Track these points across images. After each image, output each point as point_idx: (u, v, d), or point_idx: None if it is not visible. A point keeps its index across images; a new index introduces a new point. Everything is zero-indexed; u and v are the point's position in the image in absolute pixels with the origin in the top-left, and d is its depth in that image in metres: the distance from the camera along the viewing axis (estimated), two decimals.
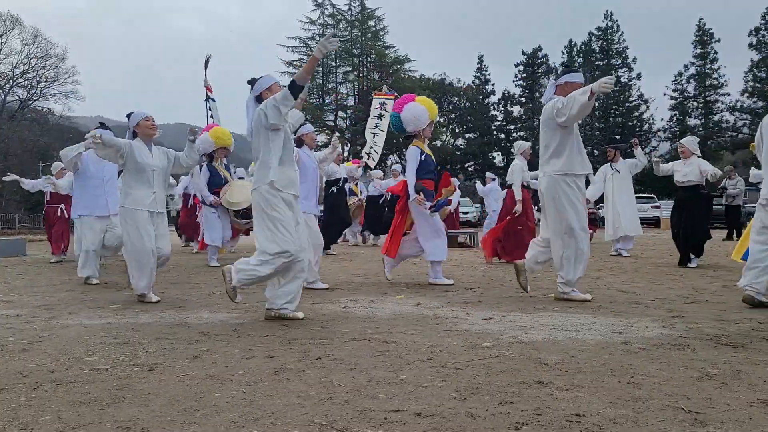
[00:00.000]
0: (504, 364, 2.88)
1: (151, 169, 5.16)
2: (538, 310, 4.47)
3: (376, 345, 3.32)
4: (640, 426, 2.02)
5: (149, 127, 5.23)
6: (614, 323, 3.91)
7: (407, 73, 42.54)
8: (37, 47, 37.23)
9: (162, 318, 4.27)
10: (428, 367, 2.84)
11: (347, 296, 5.36)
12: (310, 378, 2.66)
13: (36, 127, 35.64)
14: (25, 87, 37.97)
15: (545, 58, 46.00)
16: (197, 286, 6.12)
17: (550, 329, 3.74)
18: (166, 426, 2.07)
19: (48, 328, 3.91)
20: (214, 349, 3.24)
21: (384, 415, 2.15)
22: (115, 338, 3.55)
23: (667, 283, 6.12)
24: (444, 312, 4.45)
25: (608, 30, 44.13)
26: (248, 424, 2.08)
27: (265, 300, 4.28)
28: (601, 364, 2.84)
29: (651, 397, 2.34)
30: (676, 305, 4.65)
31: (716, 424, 2.04)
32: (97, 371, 2.80)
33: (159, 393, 2.45)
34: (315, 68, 4.50)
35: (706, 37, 41.33)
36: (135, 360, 3.02)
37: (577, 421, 2.07)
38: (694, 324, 3.86)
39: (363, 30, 42.57)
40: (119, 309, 4.70)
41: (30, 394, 2.46)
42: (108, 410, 2.24)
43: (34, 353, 3.18)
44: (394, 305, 4.81)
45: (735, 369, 2.74)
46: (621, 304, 4.72)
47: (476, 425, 2.05)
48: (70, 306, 4.87)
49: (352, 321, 4.10)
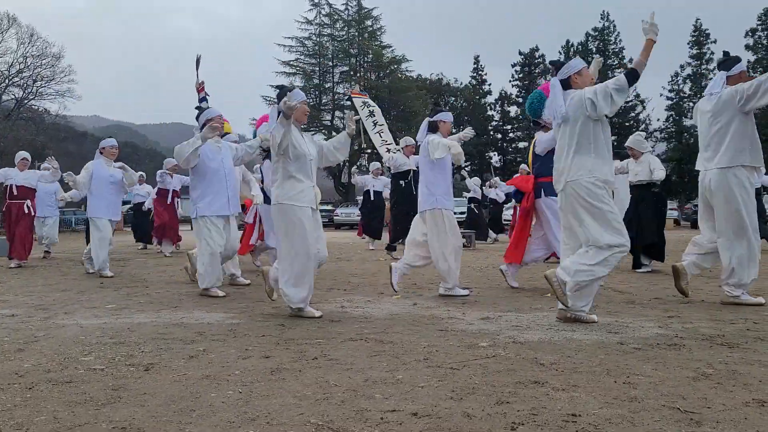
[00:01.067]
0: (500, 364, 2.88)
1: (309, 159, 4.40)
2: (534, 310, 4.48)
3: (373, 345, 3.32)
4: (635, 426, 2.03)
5: (305, 113, 4.46)
6: (610, 323, 3.92)
7: (404, 73, 42.51)
8: (33, 46, 37.14)
9: (158, 318, 4.26)
10: (424, 367, 2.84)
11: (344, 296, 5.36)
12: (306, 378, 2.66)
13: (32, 127, 35.49)
14: (21, 86, 37.83)
15: (542, 58, 46.09)
16: (193, 285, 6.11)
17: (546, 329, 3.74)
18: (162, 426, 2.07)
19: (44, 327, 3.90)
20: (210, 349, 3.23)
21: (380, 415, 2.15)
22: (111, 338, 3.55)
23: (663, 283, 6.14)
24: (440, 312, 4.45)
25: (605, 30, 44.25)
26: (244, 425, 2.07)
27: (260, 300, 4.27)
28: (597, 364, 2.85)
29: (647, 396, 2.34)
30: (672, 305, 4.66)
31: (712, 423, 2.04)
32: (92, 371, 2.80)
33: (155, 393, 2.45)
34: (311, 68, 4.49)
35: (702, 38, 41.47)
36: (131, 360, 3.01)
37: (573, 421, 2.08)
38: (690, 324, 3.87)
39: (360, 30, 42.51)
40: (115, 309, 4.69)
41: (25, 394, 2.45)
42: (104, 410, 2.23)
43: (29, 353, 3.17)
44: (391, 305, 4.81)
45: (731, 369, 2.75)
46: (617, 304, 4.72)
47: (472, 425, 2.05)
48: (66, 306, 4.85)
49: (348, 321, 4.10)
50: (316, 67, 42.55)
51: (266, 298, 4.70)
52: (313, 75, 42.53)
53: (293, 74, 42.42)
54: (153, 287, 6.05)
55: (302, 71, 42.47)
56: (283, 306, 4.42)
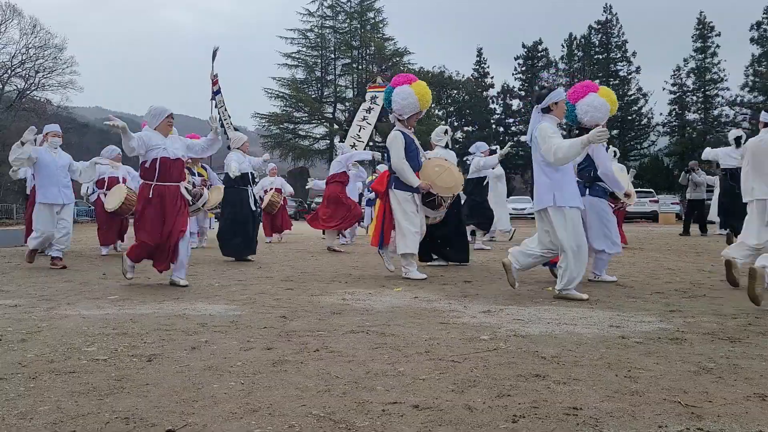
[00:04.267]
0: (501, 357, 2.89)
1: None
2: (535, 304, 4.48)
3: (374, 337, 3.33)
4: (636, 419, 2.03)
5: None
6: (612, 317, 3.93)
7: (406, 66, 42.41)
8: (36, 37, 37.07)
9: (160, 309, 4.28)
10: (426, 359, 2.84)
11: (345, 288, 5.37)
12: (308, 370, 2.66)
13: (34, 117, 35.48)
14: (23, 77, 37.81)
15: (545, 51, 45.96)
16: (195, 277, 6.12)
17: (547, 323, 3.75)
18: (165, 416, 2.08)
19: (47, 318, 3.91)
20: (213, 341, 3.24)
21: (382, 407, 2.16)
22: (113, 329, 3.56)
23: (665, 277, 6.14)
24: (442, 305, 4.46)
25: (608, 23, 44.06)
26: (246, 416, 2.08)
27: (262, 292, 4.28)
28: (598, 358, 2.85)
29: (648, 390, 2.35)
30: (673, 300, 4.66)
31: (713, 417, 2.05)
32: (95, 362, 2.81)
33: (157, 384, 2.46)
34: (313, 60, 4.72)
35: (706, 31, 41.25)
36: (133, 351, 3.02)
37: (574, 414, 2.08)
38: (692, 318, 3.88)
39: (362, 22, 42.40)
40: (117, 300, 4.70)
41: (29, 384, 2.46)
42: (106, 400, 2.24)
43: (32, 343, 3.18)
44: (392, 298, 4.81)
45: (732, 363, 2.75)
46: (618, 298, 4.73)
47: (473, 418, 2.06)
48: (69, 297, 4.87)
49: (350, 313, 4.11)
50: (317, 59, 42.45)
51: (269, 290, 4.71)
52: (315, 67, 42.44)
53: (295, 66, 42.34)
54: (155, 279, 6.06)
55: (304, 63, 42.39)
56: (284, 298, 4.43)
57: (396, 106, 6.16)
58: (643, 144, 43.77)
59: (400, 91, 6.12)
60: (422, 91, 6.17)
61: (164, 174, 5.39)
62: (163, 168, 5.38)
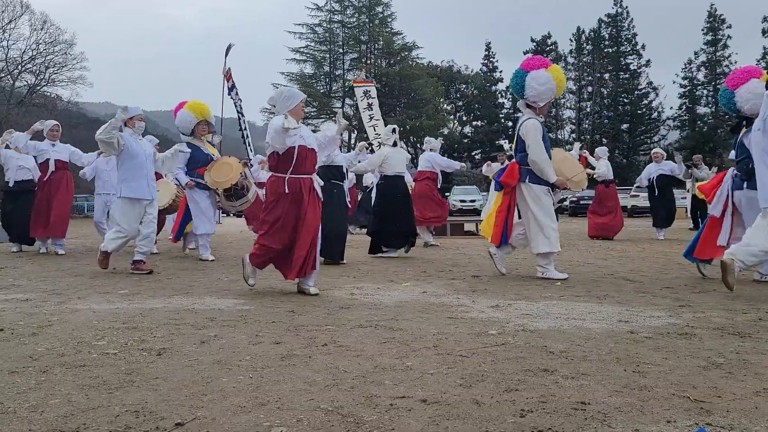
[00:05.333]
0: (509, 352, 2.89)
1: None
2: (544, 299, 4.47)
3: (382, 332, 3.33)
4: (645, 414, 2.03)
5: None
6: (620, 312, 3.91)
7: (415, 60, 42.32)
8: (46, 33, 37.25)
9: (169, 303, 4.30)
10: (434, 354, 2.85)
11: (353, 283, 5.37)
12: (316, 364, 2.67)
13: (44, 113, 35.68)
14: (34, 72, 38.02)
15: (554, 45, 45.67)
16: (204, 272, 6.15)
17: (555, 318, 3.74)
18: (174, 409, 2.09)
19: (57, 312, 3.94)
20: (222, 335, 3.26)
21: (390, 402, 2.16)
22: (123, 323, 3.58)
23: (674, 272, 6.11)
24: (450, 300, 4.45)
25: (618, 17, 43.75)
26: (255, 409, 2.09)
27: (270, 287, 4.29)
28: (606, 353, 2.85)
29: (656, 385, 2.34)
30: (682, 294, 4.64)
31: (722, 413, 2.04)
32: (105, 355, 2.83)
33: (167, 377, 2.47)
34: (321, 55, 4.67)
35: (717, 24, 40.88)
36: (143, 345, 3.04)
37: (582, 409, 2.08)
38: (701, 313, 3.86)
39: (370, 16, 42.30)
40: (127, 294, 4.74)
41: (40, 377, 2.48)
42: (116, 394, 2.26)
43: (43, 337, 3.21)
44: (400, 293, 4.82)
45: (741, 358, 2.74)
46: (627, 293, 4.71)
47: (481, 412, 2.06)
48: (79, 291, 4.90)
49: (358, 308, 4.12)
50: (326, 54, 42.41)
51: (276, 284, 4.72)
52: (324, 62, 42.40)
53: (303, 61, 42.32)
54: (165, 273, 6.09)
55: (312, 58, 42.37)
56: (292, 293, 4.43)
57: (531, 92, 5.64)
58: (653, 138, 43.45)
59: (536, 76, 5.61)
60: (560, 76, 5.73)
61: (299, 165, 4.76)
62: (300, 158, 4.75)
